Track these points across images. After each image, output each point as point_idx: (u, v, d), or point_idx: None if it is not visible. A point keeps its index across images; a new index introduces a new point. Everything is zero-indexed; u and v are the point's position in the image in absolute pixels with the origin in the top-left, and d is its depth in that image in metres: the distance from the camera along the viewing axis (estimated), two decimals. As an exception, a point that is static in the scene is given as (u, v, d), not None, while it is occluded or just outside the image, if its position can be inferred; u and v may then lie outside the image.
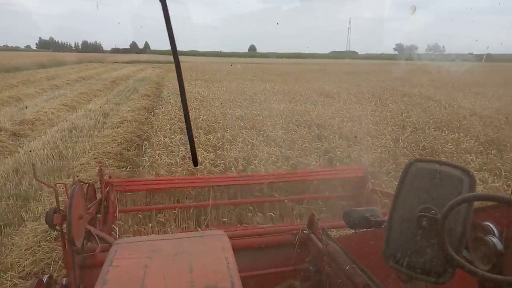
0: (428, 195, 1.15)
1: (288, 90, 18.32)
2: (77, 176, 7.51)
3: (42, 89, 21.34)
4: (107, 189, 4.21)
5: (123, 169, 7.46)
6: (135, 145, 9.44)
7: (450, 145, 7.69)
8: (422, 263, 1.12)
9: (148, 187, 4.76)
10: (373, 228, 1.80)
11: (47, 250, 4.66)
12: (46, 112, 13.85)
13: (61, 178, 7.41)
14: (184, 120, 1.25)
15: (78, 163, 8.28)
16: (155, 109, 13.05)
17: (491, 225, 1.21)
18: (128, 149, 9.20)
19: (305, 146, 7.43)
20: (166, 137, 8.20)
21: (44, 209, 5.99)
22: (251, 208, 4.93)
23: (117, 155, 8.53)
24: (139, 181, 5.01)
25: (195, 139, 7.87)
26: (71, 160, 8.78)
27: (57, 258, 4.42)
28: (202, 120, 9.67)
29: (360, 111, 11.88)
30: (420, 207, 1.14)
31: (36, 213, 5.94)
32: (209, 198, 4.83)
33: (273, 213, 4.88)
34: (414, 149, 7.54)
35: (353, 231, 2.35)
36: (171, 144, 7.62)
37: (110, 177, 4.46)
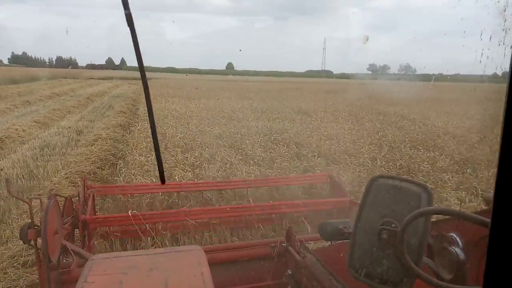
0: (389, 209, 1.19)
1: (266, 108, 18.36)
2: (53, 190, 7.24)
3: (13, 105, 20.67)
4: (88, 194, 4.25)
5: (97, 189, 7.21)
6: (109, 164, 9.16)
7: (426, 164, 7.80)
8: (380, 273, 1.16)
9: (127, 191, 4.99)
10: (347, 240, 1.81)
11: (14, 277, 4.39)
12: (16, 129, 13.37)
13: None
14: (151, 136, 1.21)
15: (50, 182, 7.97)
16: (131, 127, 12.80)
17: (455, 236, 1.27)
18: (102, 168, 8.92)
19: (284, 165, 7.39)
20: (142, 155, 8.01)
21: (12, 233, 5.71)
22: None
23: (90, 174, 8.24)
24: (118, 186, 5.24)
25: (172, 158, 7.72)
26: (42, 179, 8.44)
27: (24, 287, 4.18)
28: (179, 138, 9.52)
29: (337, 130, 12.00)
30: (381, 220, 1.18)
31: (3, 237, 5.63)
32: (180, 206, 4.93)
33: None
34: (391, 167, 7.61)
35: (330, 243, 2.45)
36: (146, 163, 7.43)
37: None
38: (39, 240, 2.59)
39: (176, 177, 6.45)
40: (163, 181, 1.38)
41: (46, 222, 2.43)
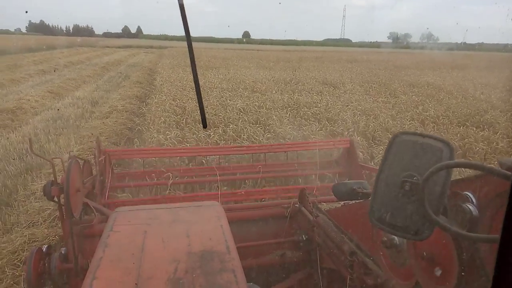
0: (411, 163, 1.20)
1: (289, 79, 17.24)
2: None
3: (28, 75, 20.15)
4: (103, 159, 4.20)
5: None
6: (125, 139, 8.47)
7: (482, 145, 6.79)
8: (402, 221, 1.18)
9: (144, 155, 4.86)
10: (361, 200, 1.95)
11: (11, 281, 3.71)
12: (29, 100, 12.74)
13: (40, 178, 6.46)
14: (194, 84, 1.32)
15: (60, 160, 7.31)
16: (148, 99, 11.99)
17: (470, 194, 1.33)
18: (117, 144, 8.23)
19: (319, 145, 6.50)
20: (160, 132, 7.20)
21: (18, 218, 5.13)
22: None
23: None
24: (135, 150, 5.21)
25: (194, 136, 6.92)
26: (53, 155, 7.81)
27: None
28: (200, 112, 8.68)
29: (371, 103, 10.94)
30: (403, 174, 1.19)
31: (7, 223, 5.01)
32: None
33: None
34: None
35: (342, 204, 2.55)
36: (165, 142, 6.63)
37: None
38: (62, 199, 2.69)
39: (203, 161, 5.63)
40: (204, 125, 1.58)
41: (68, 179, 2.55)
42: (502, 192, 1.27)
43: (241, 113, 8.94)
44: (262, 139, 6.81)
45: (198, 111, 7.60)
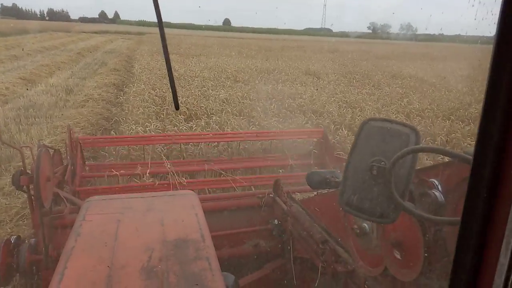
0: (379, 149, 1.21)
1: (272, 68, 16.92)
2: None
3: (-1, 60, 19.21)
4: (75, 149, 4.13)
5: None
6: (101, 130, 8.04)
7: (470, 140, 6.70)
8: (370, 206, 1.19)
9: (116, 143, 4.75)
10: (333, 189, 1.95)
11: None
12: (-1, 87, 12.07)
13: (9, 172, 6.02)
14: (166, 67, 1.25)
15: (30, 149, 6.86)
16: (126, 87, 11.50)
17: (436, 181, 1.37)
18: (93, 135, 7.82)
19: (306, 140, 6.26)
20: (139, 124, 6.81)
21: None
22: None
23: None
24: (108, 138, 5.07)
25: (175, 128, 6.59)
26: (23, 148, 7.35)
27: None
28: (181, 103, 8.29)
29: (356, 95, 10.78)
30: (372, 159, 1.20)
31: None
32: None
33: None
34: (430, 143, 6.49)
35: (315, 193, 2.63)
36: (144, 134, 6.27)
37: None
38: (32, 188, 2.64)
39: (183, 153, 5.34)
40: (176, 106, 1.44)
41: (38, 168, 2.47)
42: (465, 178, 1.16)
43: (224, 104, 8.63)
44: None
45: (179, 102, 7.26)
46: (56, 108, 10.29)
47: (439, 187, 1.35)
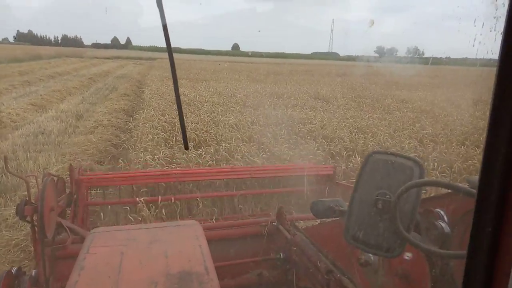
0: (384, 182, 1.21)
1: (281, 93, 16.91)
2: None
3: (11, 85, 19.52)
4: (78, 184, 4.09)
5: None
6: (109, 157, 7.97)
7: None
8: (375, 239, 1.19)
9: (119, 181, 4.60)
10: (337, 218, 1.94)
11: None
12: (9, 113, 12.16)
13: (14, 201, 5.92)
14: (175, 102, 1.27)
15: (35, 178, 6.78)
16: (135, 113, 11.50)
17: (441, 211, 1.36)
18: (101, 163, 7.73)
19: (318, 167, 6.08)
20: (147, 151, 6.71)
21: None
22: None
23: (86, 170, 7.06)
24: (110, 174, 4.87)
25: (184, 156, 6.47)
26: (30, 176, 7.28)
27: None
28: (190, 129, 8.21)
29: (366, 120, 10.63)
30: (376, 192, 1.20)
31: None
32: (180, 192, 4.87)
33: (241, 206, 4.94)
34: (447, 172, 6.29)
35: (319, 222, 2.66)
36: (152, 162, 6.15)
37: (79, 172, 4.30)
38: (35, 217, 2.62)
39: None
40: (186, 147, 1.57)
41: (43, 198, 2.45)
42: (472, 209, 1.14)
43: (234, 130, 8.53)
44: (257, 159, 6.37)
45: (188, 128, 7.13)
46: (65, 134, 10.30)
47: (445, 217, 1.35)
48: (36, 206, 2.54)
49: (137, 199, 4.59)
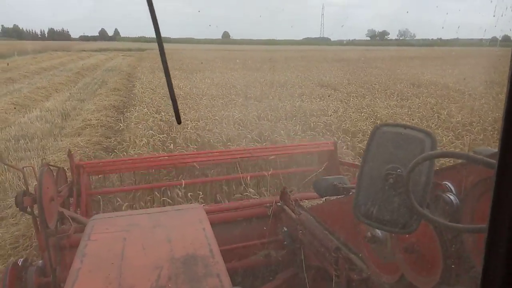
0: (394, 155, 1.17)
1: (283, 81, 15.78)
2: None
3: (-8, 83, 18.27)
4: (78, 172, 4.05)
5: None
6: (100, 164, 6.93)
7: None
8: (389, 216, 1.14)
9: (119, 168, 4.54)
10: (341, 196, 2.04)
11: None
12: (-12, 115, 11.01)
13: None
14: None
15: (32, 169, 5.73)
16: (127, 111, 10.37)
17: (449, 184, 1.32)
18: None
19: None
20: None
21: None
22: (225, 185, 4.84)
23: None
24: (111, 161, 4.86)
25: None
26: (7, 191, 6.21)
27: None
28: (191, 128, 7.14)
29: (384, 109, 9.59)
30: (386, 166, 1.15)
31: None
32: (182, 176, 4.74)
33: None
34: None
35: (323, 200, 2.64)
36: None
37: (80, 160, 4.33)
38: (36, 208, 2.61)
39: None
40: (178, 121, 1.39)
41: (41, 188, 2.43)
42: (481, 180, 1.26)
43: (240, 127, 7.45)
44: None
45: (189, 127, 6.30)
46: (50, 137, 9.22)
47: (453, 189, 1.31)
48: (35, 196, 2.53)
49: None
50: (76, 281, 1.39)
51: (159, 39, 1.20)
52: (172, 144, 6.23)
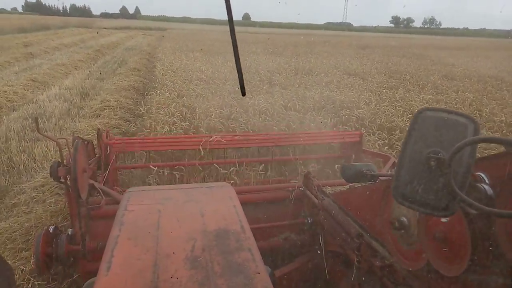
0: (436, 140, 1.16)
1: (308, 68, 15.13)
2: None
3: (14, 58, 18.15)
4: (106, 148, 4.08)
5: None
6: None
7: None
8: (429, 199, 1.14)
9: (148, 146, 4.56)
10: (368, 183, 2.02)
11: None
12: (5, 92, 10.73)
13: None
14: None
15: (29, 184, 5.42)
16: (147, 93, 9.97)
17: (483, 175, 1.28)
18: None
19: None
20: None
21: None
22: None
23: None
24: (139, 139, 4.87)
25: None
26: (21, 174, 5.92)
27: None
28: (215, 116, 6.69)
29: (419, 102, 8.97)
30: (428, 150, 1.14)
31: None
32: (206, 158, 4.80)
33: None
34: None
35: (347, 187, 2.81)
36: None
37: (108, 137, 4.24)
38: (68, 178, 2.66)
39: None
40: (243, 93, 1.45)
41: (75, 160, 2.45)
42: None
43: (266, 118, 6.97)
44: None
45: (212, 115, 5.99)
46: (68, 117, 8.90)
47: (487, 180, 1.26)
48: (69, 167, 2.56)
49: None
50: (115, 247, 1.43)
51: (230, 22, 1.28)
52: (196, 131, 5.80)
